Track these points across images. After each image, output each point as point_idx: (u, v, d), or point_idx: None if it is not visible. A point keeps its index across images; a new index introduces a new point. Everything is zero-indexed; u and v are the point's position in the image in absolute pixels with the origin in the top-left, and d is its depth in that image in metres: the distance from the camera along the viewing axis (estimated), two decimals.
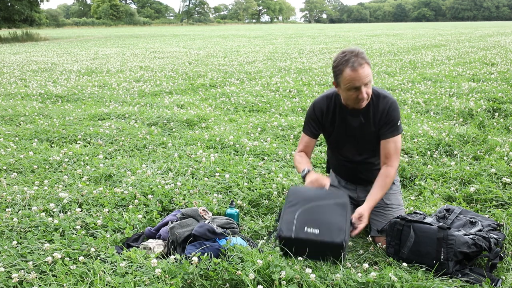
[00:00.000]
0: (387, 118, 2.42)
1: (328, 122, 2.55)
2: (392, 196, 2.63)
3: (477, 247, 2.16)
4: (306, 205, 2.24)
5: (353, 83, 2.26)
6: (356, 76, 2.24)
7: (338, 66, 2.29)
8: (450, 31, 29.37)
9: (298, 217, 2.19)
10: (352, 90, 2.30)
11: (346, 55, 2.26)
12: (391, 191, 2.63)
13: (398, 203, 2.63)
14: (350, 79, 2.26)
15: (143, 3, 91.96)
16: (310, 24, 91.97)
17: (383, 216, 2.56)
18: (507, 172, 3.33)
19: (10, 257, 2.22)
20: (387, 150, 2.43)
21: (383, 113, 2.42)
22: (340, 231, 2.12)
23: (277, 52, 15.10)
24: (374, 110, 2.44)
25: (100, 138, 4.57)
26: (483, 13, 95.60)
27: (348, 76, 2.25)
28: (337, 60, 2.30)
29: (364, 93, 2.31)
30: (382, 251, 2.41)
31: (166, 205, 2.93)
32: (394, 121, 2.42)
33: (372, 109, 2.44)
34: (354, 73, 2.24)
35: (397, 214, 2.51)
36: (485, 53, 12.48)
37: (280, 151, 4.04)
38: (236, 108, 6.15)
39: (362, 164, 2.59)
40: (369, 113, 2.45)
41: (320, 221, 2.16)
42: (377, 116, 2.44)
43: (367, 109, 2.44)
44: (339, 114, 2.51)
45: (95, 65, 11.79)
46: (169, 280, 1.99)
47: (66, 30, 53.42)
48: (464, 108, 5.44)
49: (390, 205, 2.60)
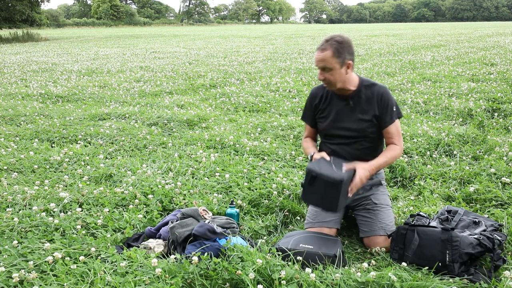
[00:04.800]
0: (383, 105, 2.51)
1: (321, 105, 2.67)
2: (381, 197, 2.65)
3: (482, 247, 2.15)
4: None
5: (315, 63, 2.46)
6: (315, 58, 2.44)
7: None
8: (449, 31, 29.37)
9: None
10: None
11: (325, 38, 2.43)
12: (379, 192, 2.66)
13: (386, 203, 2.65)
14: (314, 60, 2.46)
15: (143, 3, 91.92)
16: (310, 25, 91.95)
17: (373, 216, 2.57)
18: (507, 172, 3.34)
19: (10, 256, 2.22)
20: (390, 134, 2.55)
21: (378, 101, 2.51)
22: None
23: (277, 52, 15.11)
24: (367, 97, 2.54)
25: (100, 138, 4.58)
26: (483, 13, 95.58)
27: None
28: None
29: (320, 75, 2.46)
30: (382, 252, 2.42)
31: (166, 205, 2.94)
32: (390, 107, 2.52)
33: (364, 95, 2.55)
34: (315, 54, 2.44)
35: (386, 214, 2.57)
36: (485, 53, 12.48)
37: (280, 151, 4.04)
38: (236, 108, 6.16)
39: (350, 155, 2.60)
40: (360, 99, 2.55)
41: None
42: (371, 103, 2.53)
43: (357, 94, 2.55)
44: (330, 98, 2.63)
45: (95, 65, 11.80)
46: (169, 280, 2.00)
47: (67, 30, 53.41)
48: (464, 108, 5.45)
49: (379, 204, 2.61)
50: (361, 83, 2.56)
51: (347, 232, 2.77)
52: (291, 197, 3.08)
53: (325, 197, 2.36)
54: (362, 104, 2.54)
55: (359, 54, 13.78)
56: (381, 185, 2.70)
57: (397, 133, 2.54)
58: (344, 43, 2.39)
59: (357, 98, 2.55)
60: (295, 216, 2.93)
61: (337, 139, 2.63)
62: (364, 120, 2.53)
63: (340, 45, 2.38)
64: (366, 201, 2.63)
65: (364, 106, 2.54)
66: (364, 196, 2.63)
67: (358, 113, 2.54)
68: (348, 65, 2.44)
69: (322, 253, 2.23)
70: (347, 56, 2.41)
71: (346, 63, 2.42)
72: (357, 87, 2.55)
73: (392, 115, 2.52)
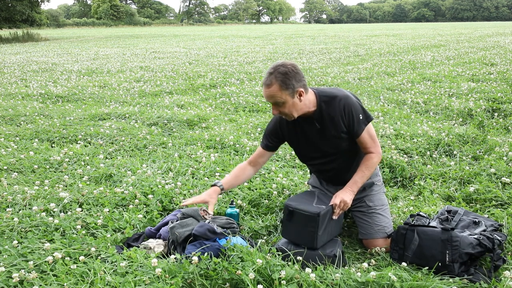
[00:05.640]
0: (348, 119, 2.38)
1: (289, 132, 2.55)
2: (375, 197, 2.61)
3: (482, 247, 2.15)
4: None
5: (265, 99, 2.34)
6: (263, 94, 2.31)
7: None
8: (449, 31, 29.37)
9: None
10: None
11: (269, 68, 2.29)
12: (372, 192, 2.62)
13: (381, 203, 2.61)
14: (263, 95, 2.33)
15: (143, 3, 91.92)
16: (310, 25, 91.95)
17: (369, 219, 2.55)
18: (507, 172, 3.34)
19: (10, 256, 2.22)
20: (363, 144, 2.45)
21: (342, 116, 2.37)
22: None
23: (277, 52, 15.11)
24: (330, 114, 2.39)
25: (100, 138, 4.58)
26: (483, 13, 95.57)
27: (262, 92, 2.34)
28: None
29: (274, 110, 2.35)
30: (382, 252, 2.42)
31: (166, 205, 2.94)
32: (356, 117, 2.37)
33: (326, 112, 2.39)
34: (263, 90, 2.31)
35: (382, 216, 2.54)
36: (485, 53, 12.48)
37: (280, 151, 4.04)
38: (236, 108, 6.16)
39: (335, 170, 2.59)
40: (323, 119, 2.40)
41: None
42: (335, 119, 2.39)
43: (319, 115, 2.40)
44: (298, 124, 2.50)
45: (95, 65, 11.80)
46: (169, 280, 2.00)
47: (67, 30, 53.40)
48: (464, 108, 5.45)
49: (373, 206, 2.57)
50: (320, 100, 2.40)
51: (347, 232, 2.77)
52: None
53: (303, 233, 2.30)
54: (327, 123, 2.41)
55: (359, 54, 13.79)
56: (374, 185, 2.64)
57: (370, 139, 2.43)
58: (289, 73, 2.23)
59: (320, 119, 2.41)
60: None
61: (317, 160, 2.60)
62: (336, 137, 2.44)
63: (285, 76, 2.23)
64: (360, 204, 2.60)
65: (330, 125, 2.41)
66: (357, 197, 2.57)
67: (327, 132, 2.44)
68: (300, 93, 2.28)
69: (322, 253, 2.23)
70: (296, 85, 2.25)
71: (297, 92, 2.27)
72: (317, 106, 2.39)
73: (360, 124, 2.38)
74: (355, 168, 2.50)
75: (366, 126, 2.41)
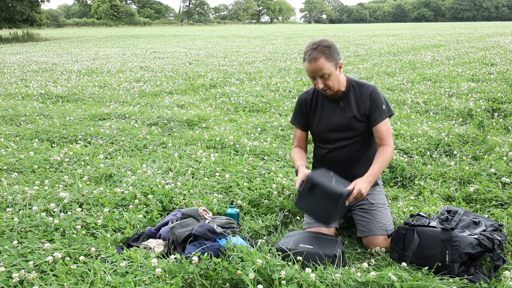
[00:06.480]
0: (372, 105, 2.53)
1: (312, 110, 2.69)
2: (377, 196, 2.67)
3: (482, 247, 2.15)
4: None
5: (309, 74, 2.47)
6: (310, 69, 2.44)
7: (303, 57, 2.49)
8: (449, 31, 29.37)
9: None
10: (312, 79, 2.50)
11: (308, 46, 2.44)
12: (375, 192, 2.67)
13: (383, 202, 2.66)
14: (307, 71, 2.47)
15: (143, 3, 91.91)
16: (310, 25, 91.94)
17: (370, 216, 2.58)
18: (507, 172, 3.34)
19: (10, 256, 2.22)
20: (379, 133, 2.54)
21: (367, 100, 2.54)
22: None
23: (277, 52, 15.11)
24: (356, 96, 2.58)
25: (100, 138, 4.58)
26: (483, 13, 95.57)
27: (305, 68, 2.47)
28: (304, 50, 2.48)
29: (320, 84, 2.47)
30: (382, 252, 2.42)
31: (166, 205, 2.94)
32: (379, 106, 2.54)
33: (354, 94, 2.59)
34: (308, 65, 2.44)
35: (383, 213, 2.57)
36: (485, 53, 12.48)
37: (280, 151, 4.04)
38: (236, 108, 6.16)
39: (345, 159, 2.63)
40: (350, 99, 2.58)
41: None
42: (360, 102, 2.56)
43: (347, 95, 2.59)
44: (321, 101, 2.66)
45: (95, 65, 11.80)
46: (169, 280, 2.00)
47: (67, 30, 53.40)
48: (464, 108, 5.45)
49: (376, 204, 2.62)
50: (350, 83, 2.60)
51: (347, 232, 2.77)
52: (291, 197, 3.08)
53: (321, 208, 2.36)
54: (351, 104, 2.58)
55: (359, 54, 13.79)
56: (377, 185, 2.71)
57: (387, 132, 2.54)
58: (332, 46, 2.43)
59: (347, 99, 2.59)
60: (295, 216, 2.93)
61: (330, 144, 2.65)
62: (354, 118, 2.56)
63: (329, 49, 2.41)
64: (362, 201, 2.63)
65: (354, 105, 2.57)
66: None
67: (348, 112, 2.58)
68: (340, 66, 2.49)
69: (322, 253, 2.23)
70: (337, 57, 2.46)
71: (338, 64, 2.47)
72: (346, 88, 2.59)
73: (382, 113, 2.54)
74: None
75: (386, 117, 2.55)
